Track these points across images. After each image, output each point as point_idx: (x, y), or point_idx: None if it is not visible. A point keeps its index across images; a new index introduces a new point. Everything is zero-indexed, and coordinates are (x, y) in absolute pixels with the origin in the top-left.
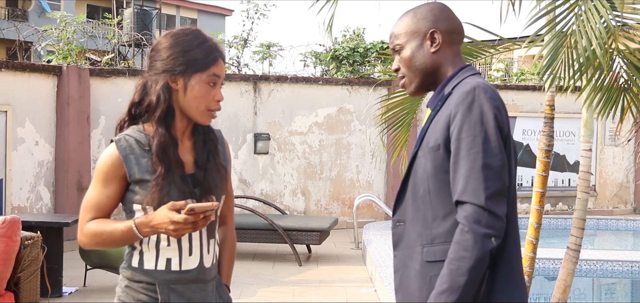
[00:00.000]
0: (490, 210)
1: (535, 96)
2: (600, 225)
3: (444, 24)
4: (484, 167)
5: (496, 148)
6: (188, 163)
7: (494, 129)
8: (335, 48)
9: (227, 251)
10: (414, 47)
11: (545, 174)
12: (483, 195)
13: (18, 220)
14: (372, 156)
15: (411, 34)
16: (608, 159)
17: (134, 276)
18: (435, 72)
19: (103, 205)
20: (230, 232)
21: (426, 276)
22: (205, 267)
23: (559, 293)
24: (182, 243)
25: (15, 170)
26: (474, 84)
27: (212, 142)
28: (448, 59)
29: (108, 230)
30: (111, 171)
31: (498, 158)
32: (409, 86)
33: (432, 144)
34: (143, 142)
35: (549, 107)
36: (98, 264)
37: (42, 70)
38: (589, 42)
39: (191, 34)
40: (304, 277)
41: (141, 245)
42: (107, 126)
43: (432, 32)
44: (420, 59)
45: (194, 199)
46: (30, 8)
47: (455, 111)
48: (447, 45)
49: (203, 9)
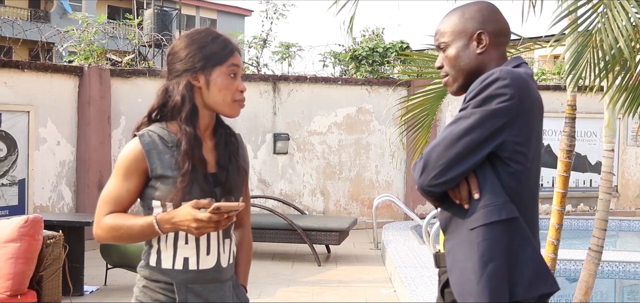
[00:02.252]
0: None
1: (556, 95)
2: (622, 226)
3: (492, 25)
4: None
5: (472, 140)
6: (210, 162)
7: (487, 113)
8: (354, 48)
9: (244, 253)
10: (459, 47)
11: (567, 175)
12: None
13: (40, 219)
14: (392, 156)
15: (458, 34)
16: (630, 159)
17: (152, 275)
18: (480, 73)
19: (122, 199)
20: (247, 234)
21: (473, 243)
22: (222, 266)
23: (581, 295)
24: (200, 241)
25: (37, 170)
26: (495, 71)
27: (233, 143)
28: (493, 61)
29: (127, 224)
30: (133, 165)
31: (456, 147)
32: (452, 84)
33: None
34: (166, 139)
35: (570, 108)
36: (119, 263)
37: (63, 70)
38: (615, 40)
39: (204, 32)
40: (323, 277)
41: (159, 243)
42: (128, 126)
43: (480, 34)
44: (466, 60)
45: (214, 199)
46: (52, 9)
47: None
48: (493, 47)
49: (222, 10)
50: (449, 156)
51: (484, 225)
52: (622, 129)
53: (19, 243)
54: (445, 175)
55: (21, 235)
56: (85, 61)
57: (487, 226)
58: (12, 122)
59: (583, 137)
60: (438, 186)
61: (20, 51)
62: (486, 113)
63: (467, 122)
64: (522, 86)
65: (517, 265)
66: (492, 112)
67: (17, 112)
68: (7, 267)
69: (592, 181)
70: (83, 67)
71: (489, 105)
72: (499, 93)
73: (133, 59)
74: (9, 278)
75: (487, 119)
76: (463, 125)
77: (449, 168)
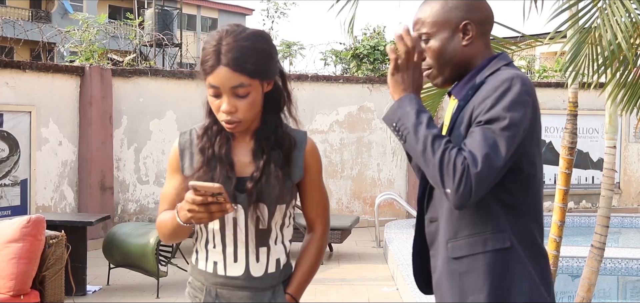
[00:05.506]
0: (483, 174)
1: (558, 92)
2: (624, 222)
3: (478, 14)
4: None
5: (505, 147)
6: (243, 164)
7: (513, 126)
8: (355, 46)
9: (305, 260)
10: (443, 39)
11: (569, 172)
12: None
13: (43, 219)
14: (393, 154)
15: (441, 24)
16: (632, 156)
17: (193, 274)
18: (466, 65)
19: (170, 196)
20: (314, 241)
21: (455, 273)
22: (252, 275)
23: (583, 292)
24: (226, 249)
25: (39, 170)
26: (513, 74)
27: (278, 147)
28: (479, 51)
29: (164, 219)
30: (173, 163)
31: (501, 157)
32: (436, 78)
33: (459, 134)
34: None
35: (572, 104)
36: (121, 263)
37: (65, 71)
38: (614, 37)
39: (210, 35)
40: (325, 276)
41: (196, 243)
42: (129, 126)
43: (466, 24)
44: (451, 53)
45: (240, 204)
46: (54, 9)
47: (486, 96)
48: (478, 37)
49: (224, 9)
50: (499, 166)
51: (468, 256)
52: (624, 126)
53: (22, 243)
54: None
55: (24, 235)
56: (86, 61)
57: (471, 257)
58: (14, 122)
59: (585, 134)
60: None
61: (22, 51)
62: (515, 120)
63: (507, 130)
64: (536, 93)
65: (509, 300)
66: (520, 119)
67: (19, 112)
68: (10, 267)
69: (594, 178)
70: (84, 67)
71: (516, 111)
72: (522, 101)
73: (134, 58)
74: (11, 278)
75: (519, 125)
76: (505, 134)
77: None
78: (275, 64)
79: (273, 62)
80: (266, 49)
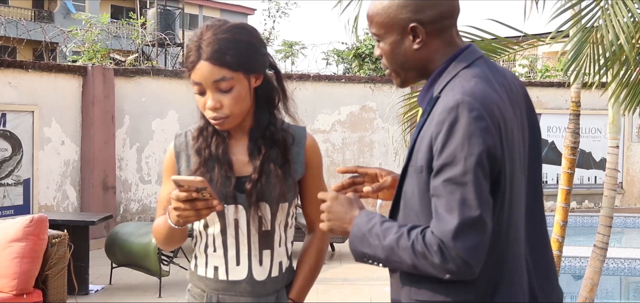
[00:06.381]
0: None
1: (560, 92)
2: (627, 222)
3: (428, 12)
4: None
5: (474, 191)
6: (242, 163)
7: (475, 165)
8: (357, 46)
9: (307, 262)
10: (392, 42)
11: (571, 172)
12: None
13: (45, 219)
14: (396, 154)
15: (388, 27)
16: (635, 156)
17: (192, 280)
18: (422, 68)
19: (166, 201)
20: (316, 241)
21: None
22: (255, 279)
23: (586, 292)
24: (228, 252)
25: (42, 169)
26: (458, 99)
27: (275, 144)
28: (437, 52)
29: (158, 224)
30: (168, 167)
31: (474, 206)
32: (395, 78)
33: (418, 164)
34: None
35: (574, 104)
36: (123, 262)
37: (67, 70)
38: (616, 37)
39: (193, 33)
40: (327, 275)
41: (195, 247)
42: (132, 126)
43: (413, 27)
44: (402, 57)
45: (240, 205)
46: (56, 9)
47: (437, 130)
48: (434, 36)
49: (226, 8)
50: (475, 215)
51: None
52: (627, 126)
53: (24, 243)
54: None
55: (26, 235)
56: (89, 61)
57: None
58: (16, 122)
59: (587, 134)
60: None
61: (24, 51)
62: (473, 161)
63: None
64: (491, 109)
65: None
66: (479, 153)
67: (22, 112)
68: (13, 266)
69: (597, 178)
70: (87, 67)
71: (473, 146)
72: (475, 130)
73: (136, 58)
74: (14, 277)
75: (480, 161)
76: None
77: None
78: (262, 58)
79: (258, 55)
80: (249, 41)
